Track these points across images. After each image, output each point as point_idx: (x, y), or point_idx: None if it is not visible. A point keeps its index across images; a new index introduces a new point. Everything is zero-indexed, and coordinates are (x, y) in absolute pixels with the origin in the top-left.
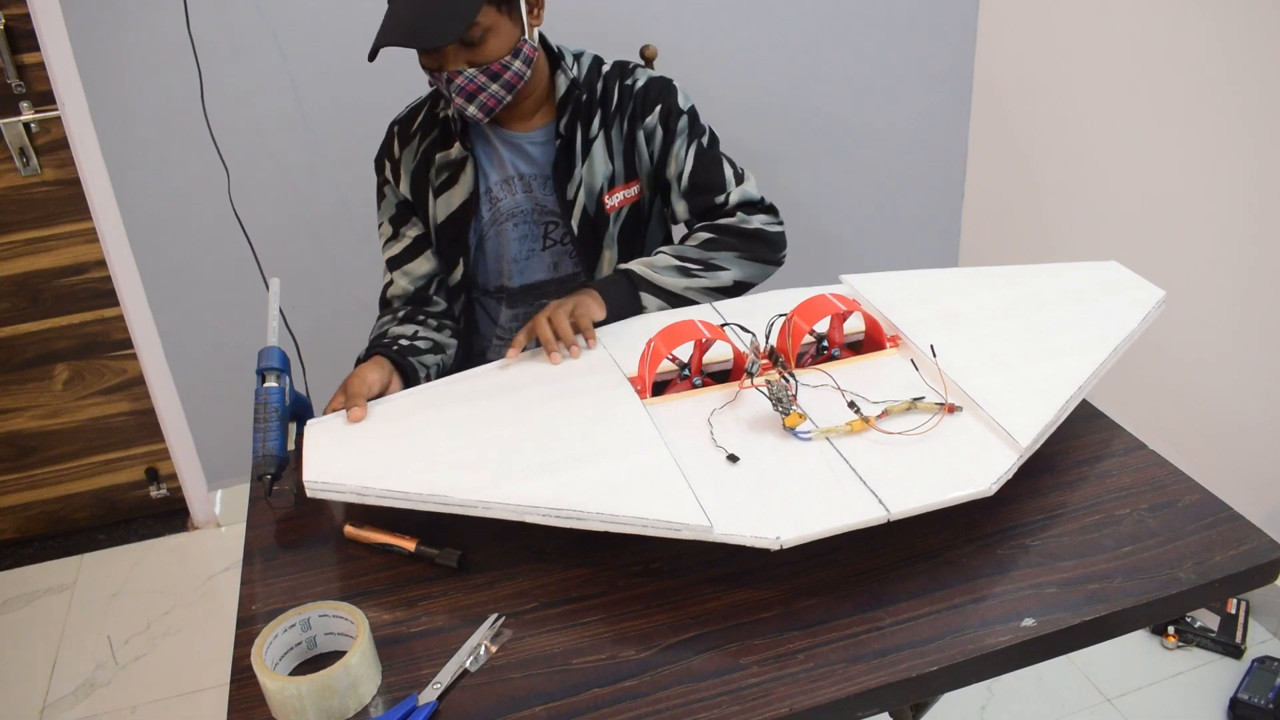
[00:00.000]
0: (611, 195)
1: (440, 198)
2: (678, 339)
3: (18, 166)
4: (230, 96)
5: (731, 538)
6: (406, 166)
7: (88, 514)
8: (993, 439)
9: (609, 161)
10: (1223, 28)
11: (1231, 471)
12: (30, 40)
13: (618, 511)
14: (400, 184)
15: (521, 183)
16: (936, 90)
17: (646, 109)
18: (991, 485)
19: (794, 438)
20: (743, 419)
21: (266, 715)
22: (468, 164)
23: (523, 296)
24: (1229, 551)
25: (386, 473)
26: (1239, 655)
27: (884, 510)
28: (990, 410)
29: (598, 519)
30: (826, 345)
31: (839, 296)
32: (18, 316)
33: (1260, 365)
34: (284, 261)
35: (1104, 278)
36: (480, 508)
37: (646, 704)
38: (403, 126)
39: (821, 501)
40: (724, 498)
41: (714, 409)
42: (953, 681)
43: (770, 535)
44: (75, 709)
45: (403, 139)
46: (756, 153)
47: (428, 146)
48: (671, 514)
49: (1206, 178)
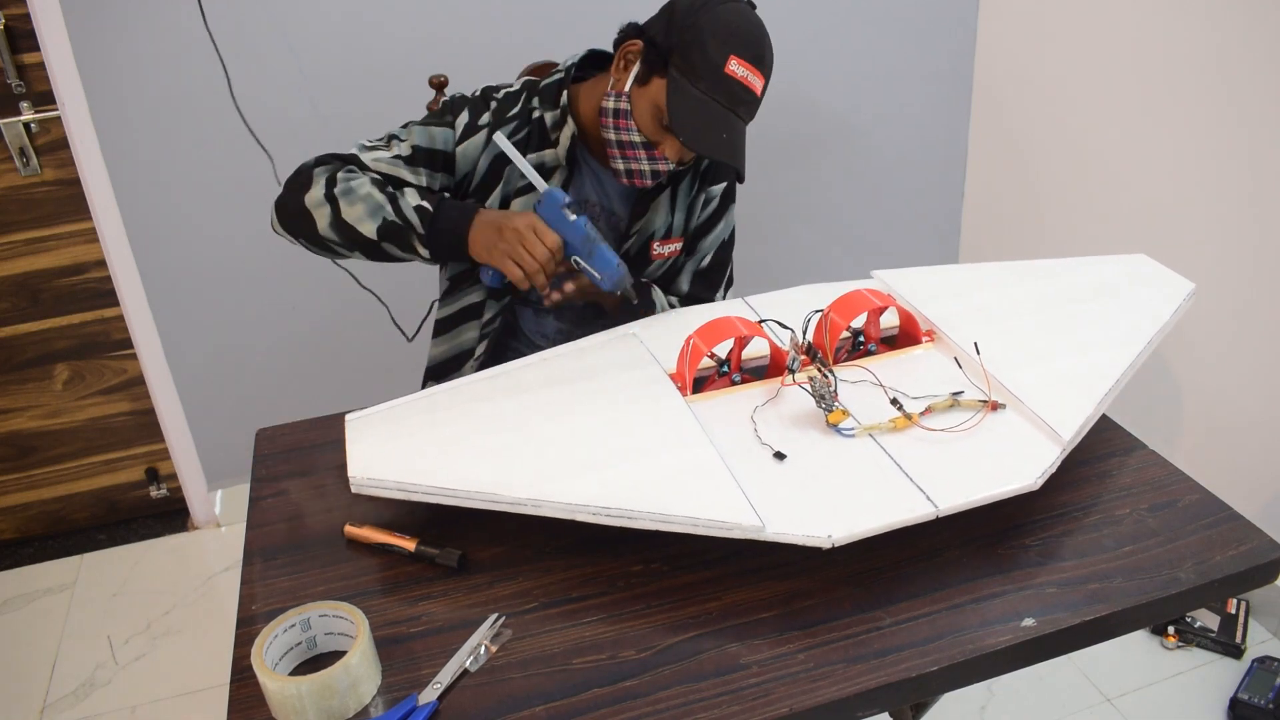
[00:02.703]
0: (663, 245)
1: (519, 199)
2: (717, 336)
3: (18, 166)
4: (229, 96)
5: (784, 537)
6: (491, 149)
7: (88, 514)
8: (1035, 433)
9: (669, 214)
10: (1222, 27)
11: (1231, 471)
12: (30, 40)
13: (669, 511)
14: (463, 144)
15: (588, 208)
16: (936, 90)
17: (718, 178)
18: (1037, 479)
19: (837, 435)
20: (785, 416)
21: (266, 715)
22: (557, 173)
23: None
24: (1229, 551)
25: (432, 468)
26: (1239, 655)
27: (932, 506)
28: (1031, 404)
29: (648, 518)
30: (863, 341)
31: (873, 292)
32: (18, 316)
33: (1260, 365)
34: (284, 261)
35: (1133, 271)
36: (530, 505)
37: (646, 704)
38: (501, 104)
39: (869, 499)
40: (772, 496)
41: (756, 406)
42: (953, 681)
43: (821, 534)
44: (75, 709)
45: (499, 116)
46: (755, 152)
47: (520, 140)
48: (723, 513)
49: (1206, 177)
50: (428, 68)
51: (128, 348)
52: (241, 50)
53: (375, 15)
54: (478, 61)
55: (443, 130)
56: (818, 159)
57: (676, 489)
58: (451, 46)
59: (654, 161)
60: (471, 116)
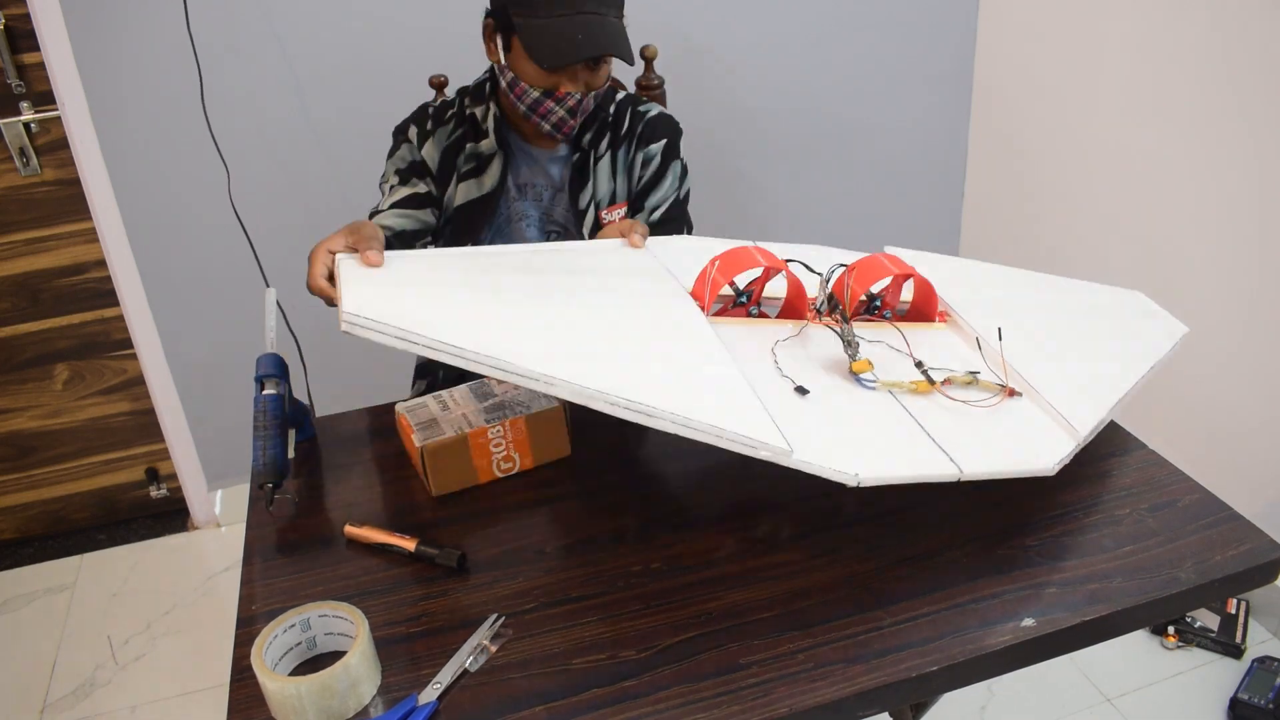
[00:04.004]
0: (610, 211)
1: (465, 183)
2: (740, 264)
3: (18, 166)
4: (230, 96)
5: (810, 466)
6: (438, 142)
7: (88, 514)
8: (1050, 424)
9: (611, 180)
10: (1222, 28)
11: (1231, 471)
12: (30, 40)
13: (692, 415)
14: (423, 149)
15: (533, 191)
16: (936, 90)
17: (654, 137)
18: (1054, 466)
19: (858, 384)
20: (807, 356)
21: (266, 715)
22: (496, 159)
23: None
24: (1229, 551)
25: (436, 321)
26: (1239, 655)
27: (956, 468)
28: (1048, 396)
29: (670, 419)
30: (879, 305)
31: (895, 259)
32: (18, 316)
33: (1260, 365)
34: (284, 262)
35: (1130, 305)
36: (543, 381)
37: (646, 704)
38: (437, 110)
39: (893, 449)
40: (796, 424)
41: (778, 340)
42: (953, 681)
43: (849, 470)
44: (75, 709)
45: (437, 119)
46: (756, 152)
47: (460, 135)
48: (751, 430)
49: (1206, 177)
50: (428, 68)
51: (128, 348)
52: (233, 52)
53: (375, 15)
54: (478, 61)
55: (406, 148)
56: (818, 159)
57: (701, 399)
58: (451, 46)
59: (562, 102)
60: (418, 127)
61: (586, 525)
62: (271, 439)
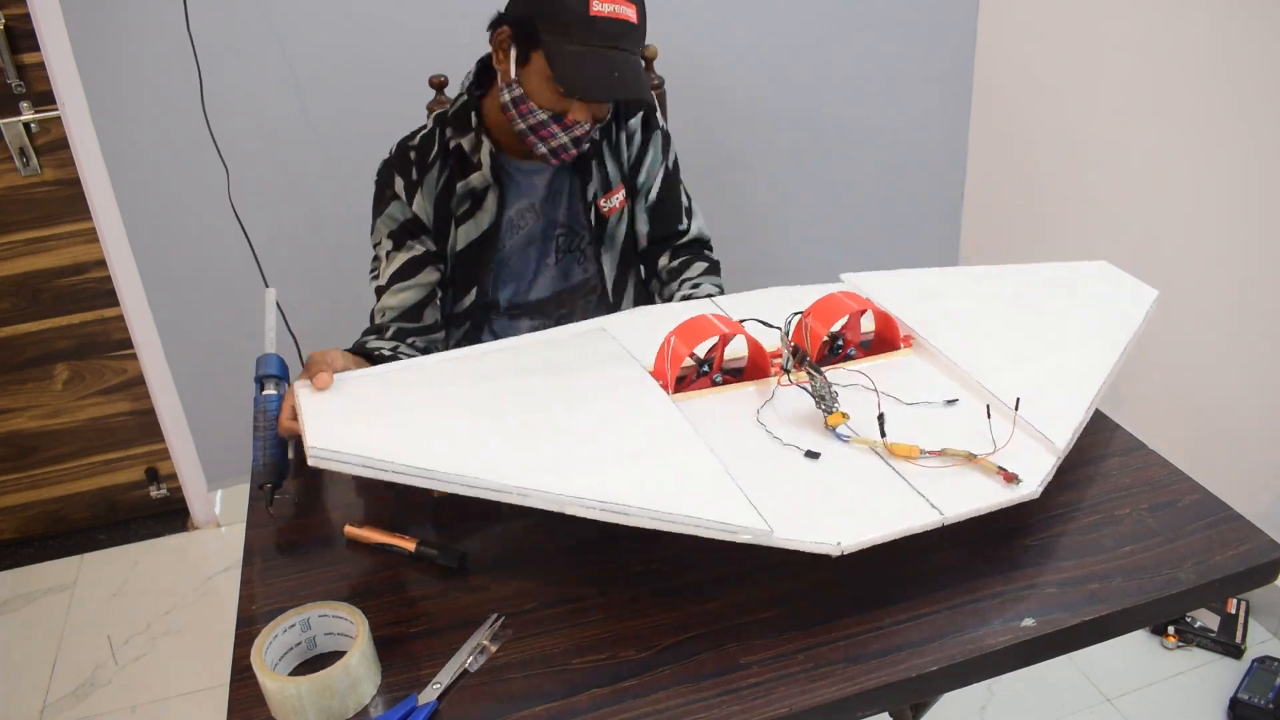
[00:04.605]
0: (607, 199)
1: (463, 226)
2: (697, 335)
3: (18, 166)
4: (230, 96)
5: (792, 543)
6: (428, 192)
7: (88, 514)
8: (1030, 443)
9: (601, 167)
10: (1222, 28)
11: (1231, 471)
12: (30, 40)
13: (669, 509)
14: (414, 204)
15: (533, 210)
16: (936, 90)
17: (629, 113)
18: (1037, 488)
19: (835, 438)
20: (781, 417)
21: (266, 715)
22: (490, 192)
23: (538, 309)
24: (1229, 551)
25: (403, 446)
26: (1239, 655)
27: (938, 514)
28: (1023, 414)
29: (647, 516)
30: (841, 345)
31: (849, 295)
32: (18, 316)
33: (1260, 365)
34: (284, 261)
35: (1097, 277)
36: (516, 494)
37: (646, 704)
38: (419, 152)
39: (873, 505)
40: (774, 500)
41: (758, 408)
42: (953, 681)
43: (831, 541)
44: (75, 709)
45: (421, 164)
46: (756, 152)
47: (448, 176)
48: (727, 515)
49: (1206, 177)
50: (428, 68)
51: (128, 348)
52: (233, 52)
53: (375, 15)
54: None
55: (395, 205)
56: (818, 159)
57: (675, 488)
58: (452, 46)
59: (569, 130)
60: (403, 178)
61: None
62: (271, 439)
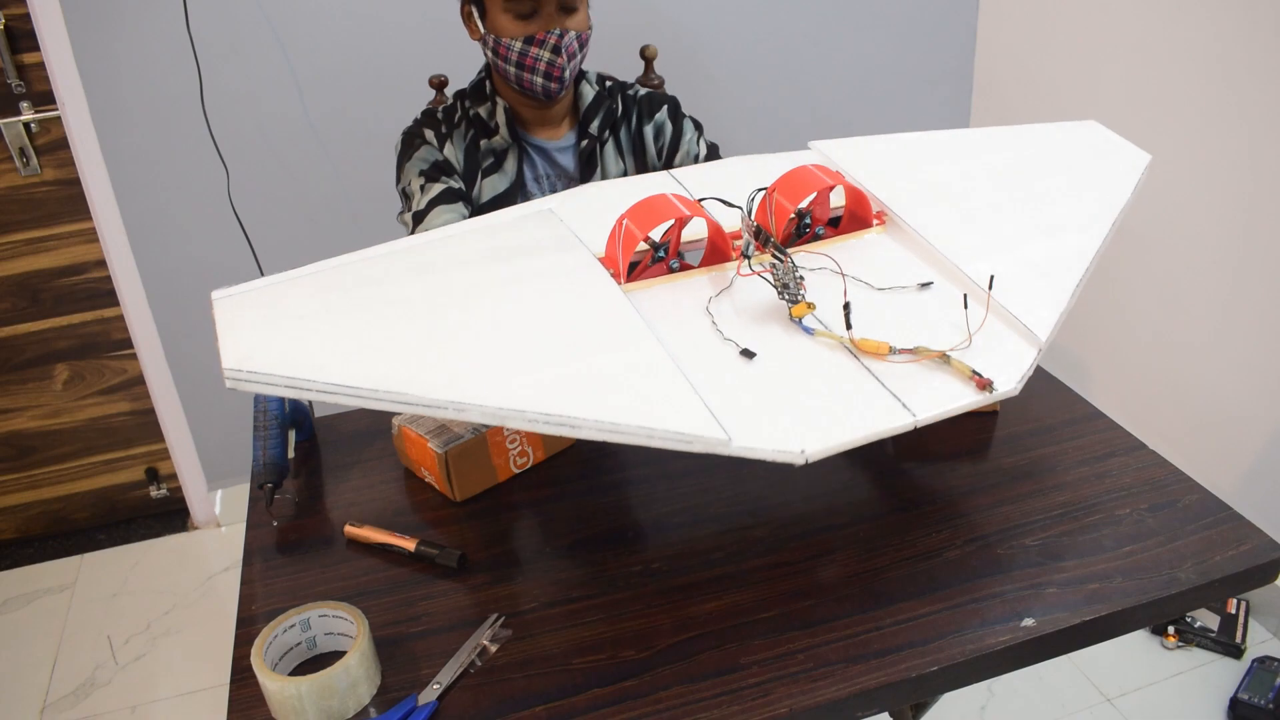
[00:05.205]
0: None
1: (489, 178)
2: (653, 217)
3: (18, 166)
4: (230, 96)
5: (751, 451)
6: (458, 142)
7: (88, 514)
8: (1009, 333)
9: (619, 160)
10: (1223, 27)
11: (1231, 471)
12: (30, 40)
13: (618, 419)
14: (444, 150)
15: (548, 183)
16: (936, 90)
17: (653, 109)
18: (1015, 385)
19: (800, 330)
20: (740, 309)
21: (266, 715)
22: (510, 153)
23: None
24: (1229, 551)
25: (327, 361)
26: (1239, 655)
27: (910, 415)
28: (1003, 301)
29: (595, 427)
30: (809, 223)
31: (819, 168)
32: (18, 316)
33: (1260, 365)
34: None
35: (1085, 139)
36: (452, 409)
37: (646, 704)
38: (446, 114)
39: (839, 406)
40: (733, 403)
41: (710, 298)
42: (953, 681)
43: (794, 449)
44: (75, 709)
45: (448, 122)
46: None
47: (473, 135)
48: (682, 424)
49: (1206, 177)
50: (428, 68)
51: (128, 348)
52: (233, 52)
53: (375, 15)
54: (477, 61)
55: (425, 149)
56: None
57: (626, 394)
58: (452, 46)
59: (543, 45)
60: (433, 130)
61: (587, 525)
62: (271, 439)
